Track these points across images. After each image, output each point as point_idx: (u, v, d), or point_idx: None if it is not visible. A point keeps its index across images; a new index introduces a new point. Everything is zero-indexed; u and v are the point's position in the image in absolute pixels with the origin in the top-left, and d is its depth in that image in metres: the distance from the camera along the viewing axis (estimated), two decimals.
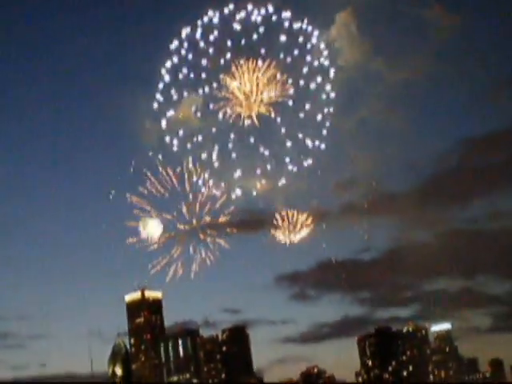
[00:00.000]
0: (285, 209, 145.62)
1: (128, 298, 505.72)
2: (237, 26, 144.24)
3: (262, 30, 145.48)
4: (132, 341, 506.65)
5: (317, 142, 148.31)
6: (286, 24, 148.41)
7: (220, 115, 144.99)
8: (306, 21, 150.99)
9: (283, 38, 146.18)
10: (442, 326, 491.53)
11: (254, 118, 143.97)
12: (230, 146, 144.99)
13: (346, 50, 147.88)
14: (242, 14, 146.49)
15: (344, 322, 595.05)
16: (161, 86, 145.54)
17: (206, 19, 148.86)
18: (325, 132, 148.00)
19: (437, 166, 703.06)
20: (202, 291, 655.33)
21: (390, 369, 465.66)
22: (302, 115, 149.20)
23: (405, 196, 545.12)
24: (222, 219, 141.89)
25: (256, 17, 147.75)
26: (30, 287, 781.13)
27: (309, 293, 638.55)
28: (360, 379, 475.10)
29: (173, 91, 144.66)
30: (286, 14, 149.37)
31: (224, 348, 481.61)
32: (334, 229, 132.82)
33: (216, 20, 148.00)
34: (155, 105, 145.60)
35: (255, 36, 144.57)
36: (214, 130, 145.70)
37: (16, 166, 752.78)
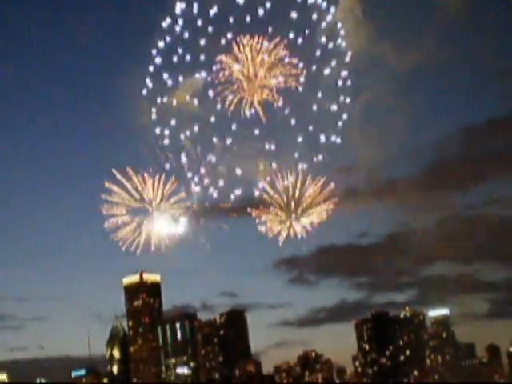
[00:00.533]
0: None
1: (126, 280, 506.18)
2: (240, 0, 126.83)
3: (268, 4, 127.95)
4: (130, 324, 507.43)
5: (332, 137, 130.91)
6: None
7: (219, 104, 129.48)
8: None
9: (294, 14, 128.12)
10: (440, 312, 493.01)
11: (257, 106, 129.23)
12: (230, 139, 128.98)
13: (351, 34, 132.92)
14: None
15: (341, 307, 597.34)
16: (151, 69, 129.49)
17: None
18: (340, 124, 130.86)
19: (437, 153, 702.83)
20: (200, 275, 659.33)
21: (387, 353, 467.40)
22: (314, 106, 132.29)
23: (405, 182, 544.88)
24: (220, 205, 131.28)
25: None
26: (28, 269, 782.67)
27: (307, 277, 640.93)
28: (357, 363, 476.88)
29: (165, 75, 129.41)
30: None
31: (222, 332, 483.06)
32: (334, 214, 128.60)
33: None
34: (144, 91, 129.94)
35: (261, 11, 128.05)
36: (212, 119, 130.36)
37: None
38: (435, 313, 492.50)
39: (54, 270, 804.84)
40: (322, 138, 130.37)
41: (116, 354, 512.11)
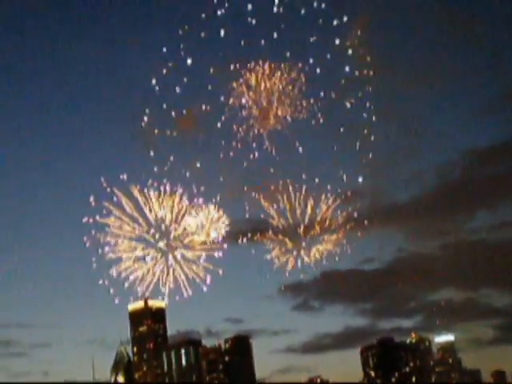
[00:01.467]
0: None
1: (131, 306, 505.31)
2: (252, 20, 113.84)
3: (284, 25, 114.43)
4: (135, 349, 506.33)
5: (355, 176, 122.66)
6: (320, 20, 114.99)
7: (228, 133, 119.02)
8: (345, 17, 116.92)
9: (313, 37, 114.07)
10: (446, 338, 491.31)
11: (266, 140, 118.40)
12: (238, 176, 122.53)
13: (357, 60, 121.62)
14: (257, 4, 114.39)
15: (346, 333, 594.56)
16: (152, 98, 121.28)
17: (210, 11, 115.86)
18: (364, 161, 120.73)
19: (440, 177, 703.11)
20: (205, 301, 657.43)
21: (393, 380, 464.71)
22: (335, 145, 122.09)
23: (409, 207, 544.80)
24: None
25: (278, 7, 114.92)
26: (32, 295, 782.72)
27: (312, 303, 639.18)
28: None
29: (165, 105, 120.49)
30: (318, 6, 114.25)
31: (226, 358, 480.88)
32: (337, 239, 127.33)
33: (224, 12, 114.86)
34: (145, 119, 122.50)
35: (275, 34, 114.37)
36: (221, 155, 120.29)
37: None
38: (441, 339, 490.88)
39: (59, 296, 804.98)
40: (344, 177, 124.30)
41: (121, 379, 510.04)
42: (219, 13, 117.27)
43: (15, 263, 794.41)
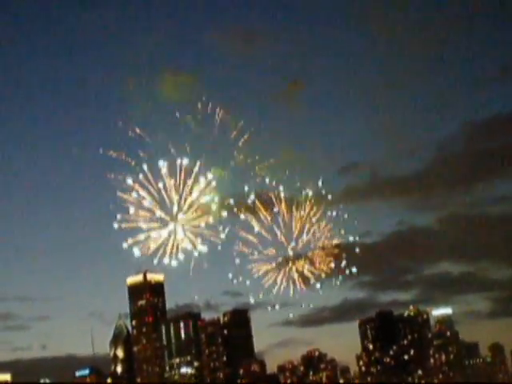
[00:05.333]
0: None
1: (130, 280, 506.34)
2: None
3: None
4: (134, 323, 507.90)
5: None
6: None
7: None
8: None
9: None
10: (443, 311, 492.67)
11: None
12: None
13: None
14: None
15: (345, 306, 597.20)
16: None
17: None
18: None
19: (440, 150, 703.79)
20: (203, 274, 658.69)
21: (391, 352, 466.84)
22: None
23: (408, 180, 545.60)
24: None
25: None
26: (31, 269, 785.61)
27: (310, 276, 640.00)
28: (361, 362, 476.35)
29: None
30: None
31: (225, 331, 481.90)
32: (337, 211, 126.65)
33: None
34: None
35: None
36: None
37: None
38: (439, 312, 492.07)
39: (58, 270, 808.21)
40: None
41: (120, 353, 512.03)
42: None
43: (15, 236, 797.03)
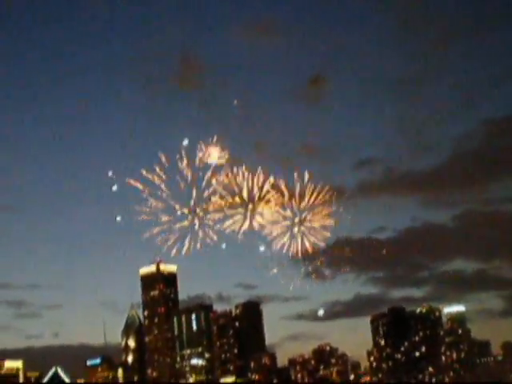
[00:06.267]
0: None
1: (143, 270, 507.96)
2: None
3: None
4: (146, 313, 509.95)
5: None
6: None
7: None
8: None
9: None
10: (456, 308, 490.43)
11: None
12: None
13: None
14: None
15: (357, 301, 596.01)
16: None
17: None
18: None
19: (456, 147, 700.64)
20: (216, 266, 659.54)
21: (403, 349, 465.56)
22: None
23: (423, 176, 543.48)
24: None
25: None
26: (45, 257, 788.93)
27: (323, 271, 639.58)
28: (372, 358, 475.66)
29: None
30: None
31: (237, 323, 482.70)
32: (351, 207, 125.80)
33: None
34: None
35: None
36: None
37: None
38: (451, 309, 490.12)
39: (71, 259, 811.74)
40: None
41: (131, 343, 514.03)
42: None
43: (28, 225, 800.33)
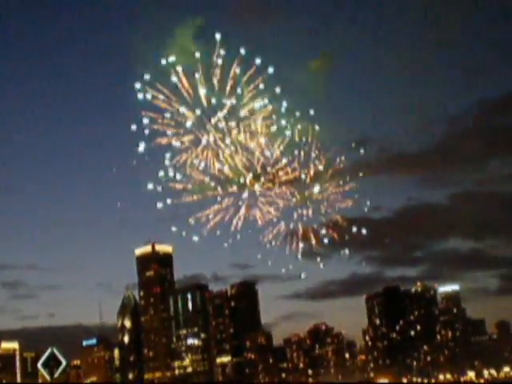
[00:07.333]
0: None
1: (138, 251, 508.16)
2: None
3: None
4: (141, 294, 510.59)
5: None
6: None
7: None
8: None
9: None
10: (451, 287, 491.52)
11: None
12: None
13: None
14: None
15: (352, 280, 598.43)
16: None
17: None
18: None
19: (451, 127, 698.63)
20: (211, 246, 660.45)
21: (398, 328, 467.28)
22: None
23: (419, 156, 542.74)
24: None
25: None
26: (40, 238, 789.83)
27: (317, 250, 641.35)
28: (367, 337, 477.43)
29: None
30: None
31: (232, 303, 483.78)
32: (344, 185, 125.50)
33: None
34: None
35: None
36: None
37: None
38: (446, 288, 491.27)
39: (67, 240, 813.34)
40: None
41: (127, 323, 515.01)
42: None
43: (25, 206, 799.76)
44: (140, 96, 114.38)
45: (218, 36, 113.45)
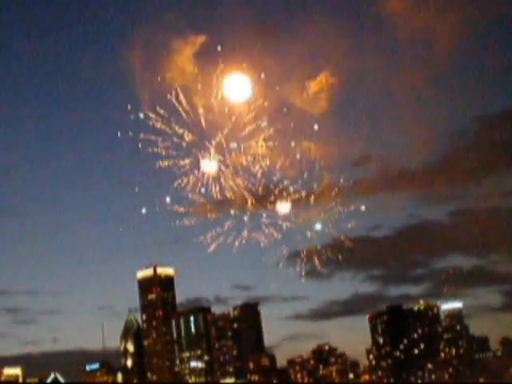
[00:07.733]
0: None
1: (140, 274, 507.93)
2: None
3: None
4: (144, 317, 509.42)
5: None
6: None
7: None
8: None
9: None
10: (454, 305, 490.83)
11: None
12: None
13: None
14: None
15: (355, 300, 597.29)
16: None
17: None
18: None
19: (451, 142, 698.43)
20: (213, 267, 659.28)
21: (402, 346, 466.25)
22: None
23: (419, 173, 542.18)
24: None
25: None
26: (41, 263, 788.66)
27: (321, 270, 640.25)
28: (371, 356, 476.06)
29: None
30: None
31: (235, 325, 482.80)
32: (346, 205, 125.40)
33: None
34: None
35: None
36: None
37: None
38: (449, 306, 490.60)
39: (68, 264, 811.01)
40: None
41: (130, 347, 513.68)
42: None
43: (26, 230, 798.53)
44: (138, 117, 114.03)
45: (218, 53, 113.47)
